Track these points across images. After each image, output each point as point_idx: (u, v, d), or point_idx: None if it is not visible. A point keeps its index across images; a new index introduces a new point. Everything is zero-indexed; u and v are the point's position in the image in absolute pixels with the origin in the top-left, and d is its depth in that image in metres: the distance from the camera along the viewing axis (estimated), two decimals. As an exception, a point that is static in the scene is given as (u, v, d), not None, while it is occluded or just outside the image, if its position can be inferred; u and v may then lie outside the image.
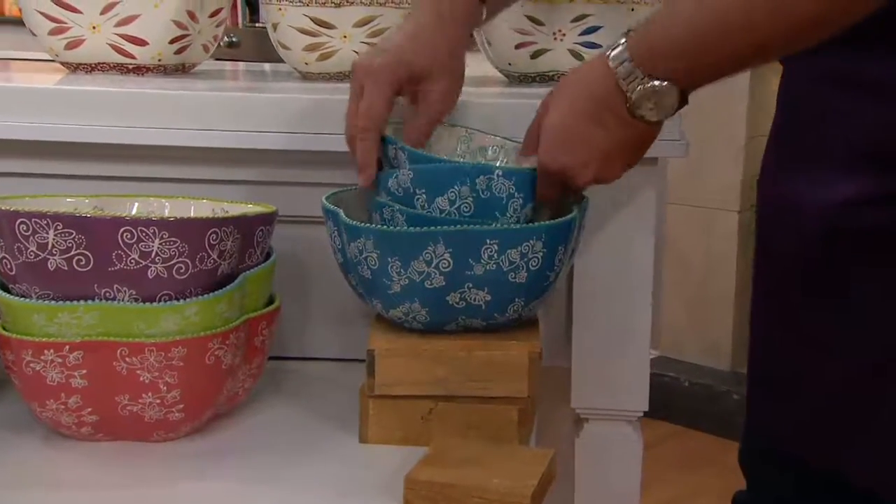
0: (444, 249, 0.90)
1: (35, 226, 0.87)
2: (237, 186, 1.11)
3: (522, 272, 0.92)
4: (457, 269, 0.91)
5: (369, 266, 0.93)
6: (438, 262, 0.91)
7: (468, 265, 0.91)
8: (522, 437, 0.94)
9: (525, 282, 0.93)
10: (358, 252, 0.93)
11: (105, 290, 0.88)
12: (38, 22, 1.23)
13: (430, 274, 0.91)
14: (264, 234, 0.98)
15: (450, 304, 0.93)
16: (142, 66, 1.25)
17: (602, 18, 1.19)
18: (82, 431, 0.93)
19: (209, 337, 0.90)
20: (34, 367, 0.89)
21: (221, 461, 0.93)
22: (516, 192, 0.95)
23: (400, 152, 0.98)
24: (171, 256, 0.88)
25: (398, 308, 0.94)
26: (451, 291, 0.92)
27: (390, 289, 0.93)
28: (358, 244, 0.93)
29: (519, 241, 0.91)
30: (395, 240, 0.91)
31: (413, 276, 0.91)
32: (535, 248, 0.92)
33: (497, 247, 0.91)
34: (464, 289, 0.92)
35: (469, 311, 0.94)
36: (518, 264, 0.92)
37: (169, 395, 0.90)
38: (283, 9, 1.23)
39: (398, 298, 0.93)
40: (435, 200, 0.95)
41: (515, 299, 0.94)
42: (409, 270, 0.91)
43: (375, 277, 0.93)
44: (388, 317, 0.96)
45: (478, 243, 0.90)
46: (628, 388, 1.12)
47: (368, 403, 0.94)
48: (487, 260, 0.91)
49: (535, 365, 0.94)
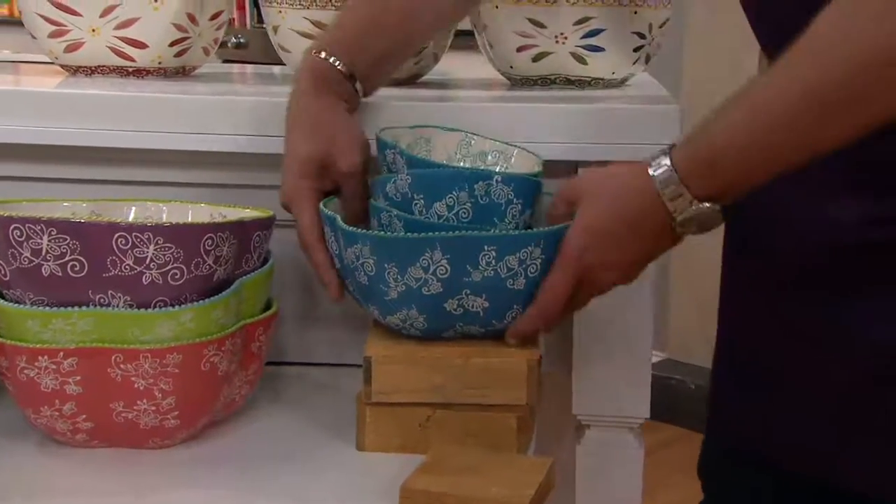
0: (442, 256, 0.89)
1: (29, 231, 0.86)
2: (237, 190, 1.10)
3: (521, 279, 0.91)
4: (454, 276, 0.90)
5: (366, 272, 0.92)
6: (436, 268, 0.89)
7: (466, 272, 0.90)
8: (521, 445, 0.93)
9: (523, 288, 0.92)
10: (355, 258, 0.92)
11: (100, 297, 0.88)
12: (37, 25, 1.23)
13: (428, 280, 0.90)
14: (261, 239, 0.97)
15: (447, 310, 0.92)
16: (142, 69, 1.25)
17: (604, 21, 1.18)
18: (77, 438, 0.92)
19: (205, 343, 0.89)
20: (28, 373, 0.88)
21: (217, 468, 0.92)
22: (515, 199, 0.94)
23: (398, 156, 0.98)
24: (166, 262, 0.88)
25: (395, 315, 0.93)
26: (448, 298, 0.91)
27: (387, 295, 0.92)
28: (354, 250, 0.92)
29: (517, 247, 0.90)
30: (391, 246, 0.90)
31: (410, 283, 0.90)
32: (533, 255, 0.90)
33: (495, 253, 0.89)
34: (461, 295, 0.91)
35: (467, 318, 0.93)
36: (516, 271, 0.90)
37: (164, 402, 0.90)
38: (284, 12, 1.23)
39: (395, 305, 0.92)
40: (433, 206, 0.94)
41: (514, 306, 0.93)
42: (405, 277, 0.90)
43: (372, 284, 0.92)
44: (386, 323, 0.95)
45: (475, 249, 0.89)
46: (630, 395, 1.11)
47: (365, 411, 0.94)
48: (485, 266, 0.90)
49: (534, 372, 0.93)
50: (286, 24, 1.23)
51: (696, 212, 0.86)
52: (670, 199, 0.86)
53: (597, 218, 0.90)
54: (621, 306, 1.09)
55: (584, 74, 1.22)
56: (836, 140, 0.81)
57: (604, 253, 0.90)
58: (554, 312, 0.92)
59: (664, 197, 0.86)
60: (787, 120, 0.81)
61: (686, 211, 0.86)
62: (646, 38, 1.22)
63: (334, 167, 0.98)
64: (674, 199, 0.86)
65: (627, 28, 1.20)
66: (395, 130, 1.03)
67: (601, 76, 1.23)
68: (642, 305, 1.10)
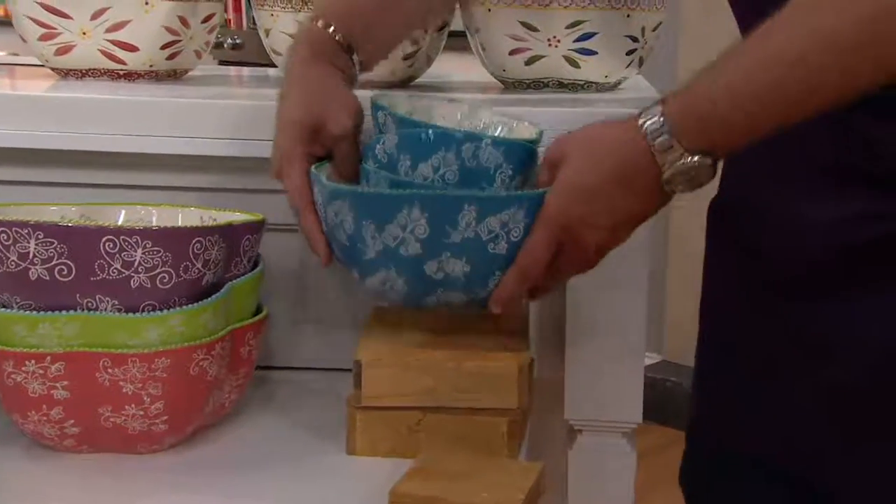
0: (420, 214, 0.85)
1: (16, 235, 0.86)
2: (228, 194, 1.09)
3: (502, 242, 0.87)
4: (433, 237, 0.86)
5: (345, 230, 0.88)
6: (414, 227, 0.86)
7: (445, 232, 0.86)
8: (512, 450, 0.93)
9: (505, 253, 0.87)
10: (335, 215, 0.88)
11: (87, 301, 0.87)
12: (27, 27, 1.23)
13: (406, 240, 0.86)
14: (251, 243, 0.97)
15: (427, 274, 0.88)
16: (133, 72, 1.24)
17: (597, 25, 1.18)
18: (65, 443, 0.92)
19: (193, 348, 0.89)
20: (15, 377, 0.87)
21: (207, 473, 0.91)
22: (505, 163, 0.90)
23: (389, 118, 0.95)
24: (154, 266, 0.87)
25: (375, 276, 0.89)
26: (428, 260, 0.87)
27: (365, 254, 0.88)
28: (335, 207, 0.88)
29: (499, 208, 0.85)
30: (368, 202, 0.87)
31: (388, 242, 0.86)
32: (515, 218, 0.86)
33: (475, 213, 0.85)
34: (441, 258, 0.87)
35: (448, 283, 0.89)
36: (498, 234, 0.86)
37: (152, 407, 0.89)
38: (276, 15, 1.22)
39: (374, 265, 0.88)
40: (418, 167, 0.90)
41: (496, 272, 0.89)
42: (383, 235, 0.86)
43: (351, 243, 0.88)
44: (367, 288, 0.91)
45: (455, 209, 0.85)
46: (622, 400, 1.10)
47: (355, 415, 0.93)
48: (465, 227, 0.86)
49: (526, 376, 0.93)
50: (278, 27, 1.23)
51: (688, 166, 0.82)
52: (661, 152, 0.82)
53: (578, 173, 0.86)
54: (615, 311, 1.09)
55: (577, 78, 1.22)
56: (845, 89, 0.79)
57: (586, 210, 0.85)
58: (534, 273, 0.88)
59: (654, 149, 0.82)
60: (800, 64, 0.78)
61: (675, 165, 0.82)
62: (638, 42, 1.21)
63: (326, 131, 0.95)
64: (664, 152, 0.82)
65: (620, 31, 1.19)
66: (392, 97, 1.00)
67: (594, 80, 1.22)
68: (636, 310, 1.09)
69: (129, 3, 1.20)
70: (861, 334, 0.91)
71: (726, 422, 1.02)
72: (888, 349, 0.90)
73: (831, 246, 0.91)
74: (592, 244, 0.88)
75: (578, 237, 0.87)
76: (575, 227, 0.86)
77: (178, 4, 1.22)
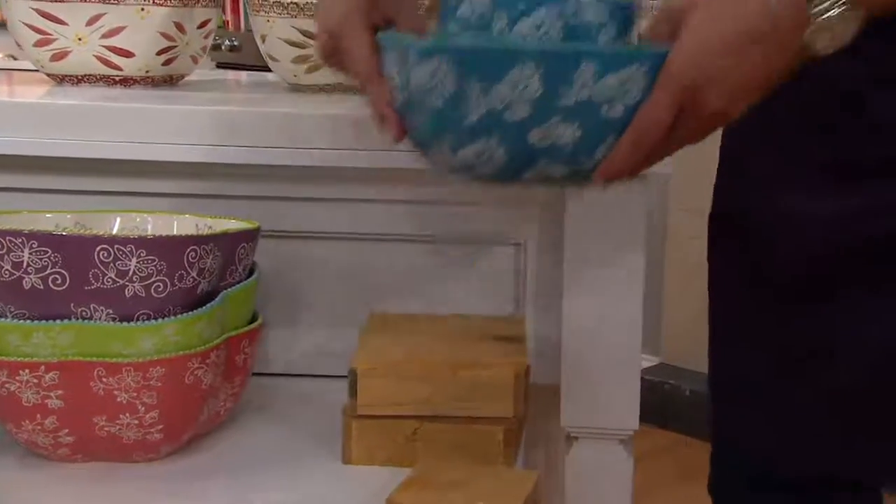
0: (534, 71, 0.76)
1: (9, 244, 0.85)
2: (224, 201, 1.09)
3: (618, 105, 0.78)
4: (544, 98, 0.77)
5: (442, 94, 0.78)
6: (525, 87, 0.78)
7: (557, 93, 0.77)
8: (508, 458, 0.93)
9: (620, 116, 0.79)
10: (429, 77, 0.78)
11: (81, 310, 0.87)
12: (23, 33, 1.22)
13: (514, 102, 0.77)
14: (246, 251, 0.96)
15: (530, 143, 0.79)
16: (129, 78, 1.24)
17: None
18: (59, 453, 0.91)
19: (188, 356, 0.89)
20: (9, 387, 0.87)
21: (202, 482, 0.91)
22: (608, 22, 0.83)
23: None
24: (149, 275, 0.87)
25: (471, 146, 0.80)
26: (534, 126, 0.79)
27: (466, 119, 0.78)
28: (429, 66, 0.77)
29: (619, 65, 0.77)
30: (476, 58, 0.77)
31: (494, 104, 0.78)
32: (635, 77, 0.78)
33: (594, 70, 0.77)
34: (550, 123, 0.79)
35: (552, 153, 0.80)
36: (614, 95, 0.78)
37: (147, 416, 0.89)
38: (272, 20, 1.22)
39: (473, 133, 0.79)
40: (517, 25, 0.82)
41: (607, 138, 0.80)
42: (489, 97, 0.77)
43: (447, 108, 0.78)
44: (456, 161, 0.82)
45: (572, 65, 0.77)
46: (619, 407, 1.10)
47: (351, 424, 0.93)
48: (581, 87, 0.77)
49: (521, 383, 0.93)
50: (274, 33, 1.23)
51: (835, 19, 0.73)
52: None
53: (708, 26, 0.76)
54: (611, 317, 1.08)
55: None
56: None
57: (714, 69, 0.75)
58: (651, 143, 0.78)
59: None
60: None
61: (823, 17, 0.73)
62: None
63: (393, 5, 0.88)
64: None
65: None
66: None
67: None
68: (632, 317, 1.09)
69: (124, 9, 1.20)
70: (862, 335, 0.91)
71: (747, 428, 1.02)
72: (888, 349, 0.90)
73: (832, 242, 0.91)
74: (712, 111, 0.78)
75: (701, 101, 0.77)
76: (701, 86, 0.76)
77: (174, 10, 1.22)
